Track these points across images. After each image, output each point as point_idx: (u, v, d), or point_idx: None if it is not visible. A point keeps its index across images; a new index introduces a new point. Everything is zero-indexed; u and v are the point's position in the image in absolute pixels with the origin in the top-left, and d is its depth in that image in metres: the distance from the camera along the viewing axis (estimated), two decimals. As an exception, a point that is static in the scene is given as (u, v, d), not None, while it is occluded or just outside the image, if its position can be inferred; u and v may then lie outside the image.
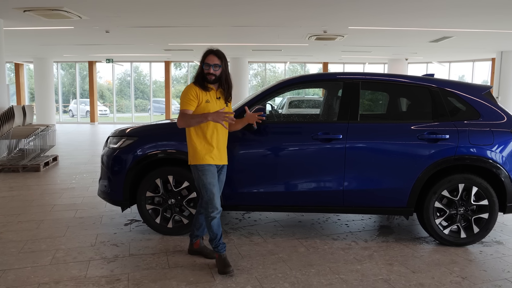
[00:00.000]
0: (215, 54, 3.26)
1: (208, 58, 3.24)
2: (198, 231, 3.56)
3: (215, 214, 3.22)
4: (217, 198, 3.22)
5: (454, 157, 3.79)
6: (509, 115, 4.00)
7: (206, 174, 3.20)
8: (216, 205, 3.21)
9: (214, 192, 3.20)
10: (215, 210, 3.21)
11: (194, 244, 3.61)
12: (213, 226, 3.25)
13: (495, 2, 6.49)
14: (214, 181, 3.22)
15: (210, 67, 3.22)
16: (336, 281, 3.15)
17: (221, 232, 3.32)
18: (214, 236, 3.28)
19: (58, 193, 5.86)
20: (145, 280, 3.14)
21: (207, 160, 3.22)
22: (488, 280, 3.23)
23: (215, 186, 3.22)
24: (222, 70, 3.29)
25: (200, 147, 3.23)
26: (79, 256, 3.60)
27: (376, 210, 4.04)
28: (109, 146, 4.27)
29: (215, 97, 3.31)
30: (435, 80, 4.08)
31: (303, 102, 11.79)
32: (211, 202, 3.20)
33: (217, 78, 3.27)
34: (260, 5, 7.03)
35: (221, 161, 3.34)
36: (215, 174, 3.25)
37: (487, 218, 3.86)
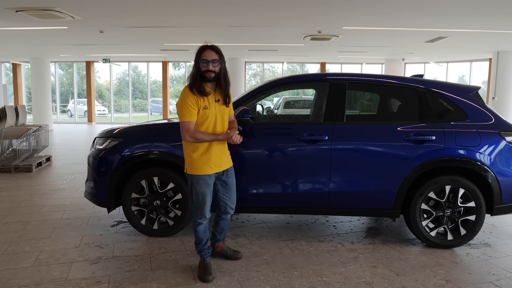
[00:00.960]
0: (212, 48, 3.02)
1: (204, 54, 2.99)
2: (220, 235, 3.49)
3: (202, 221, 3.18)
4: (207, 207, 3.15)
5: (441, 158, 3.77)
6: (497, 116, 3.98)
7: (200, 183, 3.10)
8: (205, 214, 3.16)
9: (206, 201, 3.13)
10: (203, 218, 3.17)
11: (217, 247, 3.56)
12: (199, 231, 3.21)
13: (489, 2, 6.46)
14: (207, 191, 3.12)
15: (209, 63, 2.98)
16: (318, 284, 3.12)
17: (208, 238, 3.28)
18: (199, 241, 3.25)
19: (48, 194, 5.83)
20: (125, 282, 3.11)
21: (205, 170, 3.08)
22: (472, 283, 3.21)
23: (207, 196, 3.13)
24: (221, 67, 3.05)
25: (197, 156, 3.07)
26: (62, 257, 3.58)
27: (362, 211, 4.01)
28: (95, 147, 4.25)
29: (214, 100, 3.08)
30: (422, 81, 4.06)
31: (299, 103, 11.76)
32: (201, 210, 3.15)
33: (216, 75, 3.03)
34: (253, 5, 6.99)
35: (221, 167, 3.19)
36: (210, 184, 3.13)
37: (474, 220, 3.83)
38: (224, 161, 3.21)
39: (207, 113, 3.04)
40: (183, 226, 4.06)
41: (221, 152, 3.17)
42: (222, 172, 3.21)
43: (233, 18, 8.26)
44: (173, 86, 32.50)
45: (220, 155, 3.15)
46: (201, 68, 3.00)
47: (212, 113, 3.07)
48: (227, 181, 3.26)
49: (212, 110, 3.07)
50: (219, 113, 3.12)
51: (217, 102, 3.10)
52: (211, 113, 3.06)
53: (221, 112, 3.14)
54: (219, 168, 3.16)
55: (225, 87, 3.11)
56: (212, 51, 3.01)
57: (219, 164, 3.15)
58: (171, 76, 32.26)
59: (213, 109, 3.07)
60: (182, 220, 3.99)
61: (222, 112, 3.14)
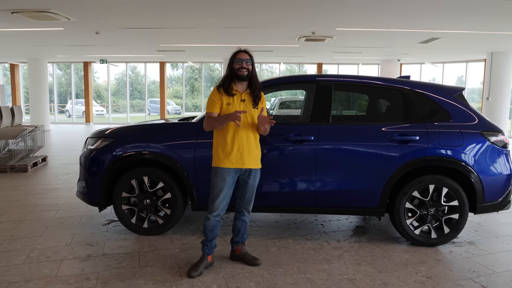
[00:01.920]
0: (246, 52, 3.30)
1: (239, 55, 3.26)
2: (237, 238, 3.51)
3: (211, 216, 3.25)
4: (219, 202, 3.22)
5: (424, 158, 3.85)
6: (480, 117, 4.06)
7: (216, 176, 3.23)
8: (214, 208, 3.23)
9: (218, 194, 3.21)
10: (211, 212, 3.25)
11: (236, 251, 3.57)
12: (206, 226, 3.30)
13: (481, 4, 6.55)
14: (222, 185, 3.20)
15: (243, 62, 3.22)
16: (301, 281, 3.20)
17: (214, 237, 3.32)
18: (204, 235, 3.33)
19: (42, 194, 5.91)
20: (113, 279, 3.19)
21: (224, 163, 3.21)
22: (452, 280, 3.29)
23: (221, 191, 3.21)
24: (253, 68, 3.30)
25: (220, 150, 3.24)
26: (53, 255, 3.65)
27: (348, 210, 4.09)
28: (87, 147, 4.33)
29: (239, 99, 3.26)
30: (407, 82, 4.14)
31: (294, 103, 11.83)
32: (211, 203, 3.25)
33: (249, 73, 3.26)
34: (246, 7, 7.08)
35: (244, 165, 3.24)
36: (227, 180, 3.21)
37: (457, 218, 3.91)
38: (249, 160, 3.27)
39: (230, 110, 3.21)
40: (173, 225, 4.13)
41: (246, 150, 3.25)
42: (244, 171, 3.29)
43: (227, 20, 8.34)
44: (172, 87, 32.57)
45: (243, 152, 3.23)
46: (235, 66, 3.24)
47: (234, 110, 3.20)
48: (248, 182, 3.33)
49: (235, 108, 3.22)
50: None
51: (242, 101, 3.27)
52: (233, 109, 3.21)
53: (248, 112, 3.26)
54: (241, 165, 3.23)
55: (253, 90, 3.30)
56: (245, 53, 3.29)
57: (241, 161, 3.23)
58: (170, 76, 32.32)
59: (237, 107, 3.23)
60: (171, 219, 4.07)
61: (249, 112, 3.26)
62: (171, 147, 3.98)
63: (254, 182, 3.35)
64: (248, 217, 3.47)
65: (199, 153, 3.95)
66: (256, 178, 3.36)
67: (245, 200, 3.39)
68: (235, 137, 3.22)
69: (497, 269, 3.50)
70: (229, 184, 3.25)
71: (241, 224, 3.47)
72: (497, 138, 3.98)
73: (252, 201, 3.42)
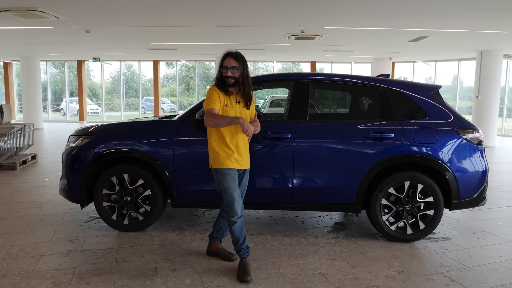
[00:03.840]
0: (233, 56, 3.19)
1: (225, 61, 3.19)
2: (217, 234, 3.53)
3: (236, 219, 3.16)
4: (237, 203, 3.16)
5: (399, 155, 3.91)
6: (456, 115, 4.12)
7: (226, 178, 3.17)
8: (236, 210, 3.14)
9: (234, 196, 3.15)
10: (235, 215, 3.15)
11: (212, 246, 3.60)
12: (234, 230, 3.20)
13: (469, 3, 6.60)
14: (234, 185, 3.17)
15: (228, 70, 3.16)
16: (274, 275, 3.26)
17: (244, 237, 3.26)
18: (236, 241, 3.24)
19: (28, 191, 5.95)
20: (89, 274, 3.24)
21: (228, 164, 3.17)
22: (423, 274, 3.35)
23: (236, 190, 3.17)
24: (241, 73, 3.20)
25: (220, 151, 3.20)
26: (32, 251, 3.70)
27: (325, 207, 4.15)
28: (69, 145, 4.37)
29: (235, 101, 3.25)
30: (384, 80, 4.19)
31: (284, 101, 11.89)
32: (231, 207, 3.16)
33: (236, 80, 3.20)
34: (233, 5, 7.11)
35: (242, 166, 3.27)
36: (236, 178, 3.20)
37: (432, 214, 3.98)
38: (245, 161, 3.31)
39: (228, 112, 3.19)
40: (153, 221, 4.19)
41: (243, 151, 3.27)
42: (242, 172, 3.32)
43: (216, 18, 8.37)
44: (168, 85, 32.57)
45: (240, 153, 3.24)
46: (222, 73, 3.20)
47: (232, 113, 3.20)
48: (242, 182, 3.34)
49: (233, 110, 3.21)
50: (239, 114, 3.23)
51: (238, 103, 3.25)
52: (231, 112, 3.20)
53: (242, 113, 3.25)
54: (240, 166, 3.25)
55: (243, 90, 3.24)
56: (232, 59, 3.19)
57: (240, 162, 3.25)
58: (167, 75, 32.32)
59: (234, 109, 3.22)
60: (151, 216, 4.12)
61: (243, 113, 3.26)
62: (150, 145, 4.03)
63: (246, 182, 3.39)
64: None
65: (178, 150, 4.00)
66: (248, 178, 3.41)
67: None
68: (234, 139, 3.22)
69: (468, 264, 3.57)
70: (237, 182, 3.24)
71: (224, 223, 3.48)
72: (472, 135, 4.04)
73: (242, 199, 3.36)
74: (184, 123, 4.07)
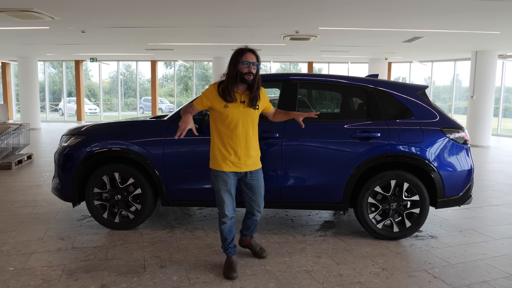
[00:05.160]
0: (253, 52, 3.06)
1: (246, 56, 3.02)
2: (246, 232, 3.56)
3: (225, 220, 3.19)
4: (226, 206, 3.15)
5: (385, 154, 3.97)
6: (442, 115, 4.18)
7: (218, 180, 3.15)
8: (225, 212, 3.16)
9: (224, 199, 3.14)
10: (225, 217, 3.18)
11: (244, 241, 3.65)
12: (223, 230, 3.24)
13: (462, 4, 6.66)
14: (225, 188, 3.14)
15: (251, 65, 3.00)
16: (259, 272, 3.32)
17: (233, 237, 3.29)
18: (224, 239, 3.28)
19: (22, 190, 6.00)
20: (78, 271, 3.30)
21: (222, 166, 3.12)
22: (406, 271, 3.42)
23: (226, 193, 3.15)
24: (257, 71, 3.09)
25: (217, 152, 3.15)
26: (23, 249, 3.76)
27: (313, 205, 4.20)
28: (61, 144, 4.43)
29: (239, 101, 3.10)
30: (372, 80, 4.26)
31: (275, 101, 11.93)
32: (221, 208, 3.18)
33: (254, 78, 3.05)
34: (227, 6, 7.17)
35: (241, 168, 3.16)
36: (227, 182, 3.14)
37: (418, 213, 4.04)
38: (246, 163, 3.17)
39: (227, 112, 3.07)
40: (144, 220, 4.24)
41: (244, 153, 3.14)
42: (245, 174, 3.21)
43: (211, 19, 8.43)
44: (167, 85, 32.58)
45: (238, 156, 3.13)
46: (243, 69, 3.02)
47: (233, 113, 3.08)
48: (252, 184, 3.24)
49: (234, 110, 3.08)
50: (243, 115, 3.11)
51: (242, 103, 3.12)
52: (231, 112, 3.08)
53: (246, 114, 3.12)
54: (238, 168, 3.15)
55: (252, 91, 3.11)
56: (252, 55, 3.05)
57: (238, 164, 3.14)
58: (166, 75, 32.32)
59: (236, 109, 3.09)
60: (142, 214, 4.18)
61: (247, 113, 3.13)
62: (140, 144, 4.09)
63: (258, 183, 3.27)
64: (259, 216, 3.41)
65: (168, 149, 4.06)
66: (259, 178, 3.28)
67: (255, 202, 3.32)
68: (232, 141, 3.11)
69: (452, 261, 3.63)
70: (231, 186, 3.18)
71: (251, 222, 3.49)
72: (457, 134, 4.10)
73: (262, 201, 3.35)
74: (174, 123, 4.13)
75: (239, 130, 3.12)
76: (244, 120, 3.13)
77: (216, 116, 3.14)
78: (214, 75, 16.54)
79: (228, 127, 3.11)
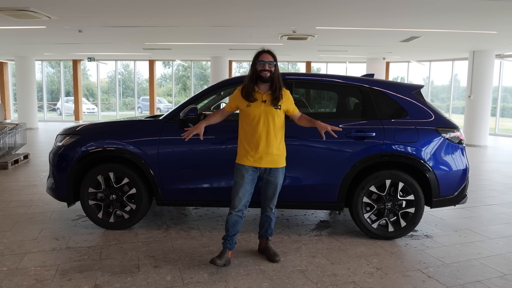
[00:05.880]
0: (269, 52, 3.32)
1: (262, 56, 3.29)
2: (261, 231, 3.63)
3: (232, 211, 3.35)
4: (238, 199, 3.31)
5: (380, 154, 3.97)
6: (437, 114, 4.18)
7: (236, 173, 3.35)
8: (234, 204, 3.33)
9: (237, 191, 3.31)
10: (233, 208, 3.34)
11: (261, 244, 3.69)
12: (228, 221, 3.38)
13: (460, 3, 6.67)
14: (241, 182, 3.30)
15: (265, 64, 3.25)
16: (254, 272, 3.32)
17: (235, 233, 3.39)
18: (226, 230, 3.40)
19: (18, 190, 5.99)
20: (72, 271, 3.29)
21: (243, 160, 3.33)
22: (401, 270, 3.41)
23: (241, 187, 3.30)
24: (275, 69, 3.31)
25: (241, 148, 3.37)
26: (17, 249, 3.75)
27: (308, 205, 4.20)
28: (56, 144, 4.42)
29: (261, 100, 3.31)
30: (367, 80, 4.25)
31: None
32: (232, 200, 3.35)
33: (271, 75, 3.28)
34: (224, 5, 7.17)
35: (261, 164, 3.32)
36: (244, 176, 3.30)
37: (413, 212, 4.04)
38: (267, 160, 3.32)
39: (250, 110, 3.31)
40: (138, 219, 4.24)
41: (264, 150, 3.30)
42: (264, 170, 3.36)
43: (208, 18, 8.42)
44: (166, 85, 32.55)
45: (262, 152, 3.29)
46: (258, 68, 3.29)
47: (255, 111, 3.29)
48: (270, 180, 3.39)
49: (256, 109, 3.29)
50: (264, 113, 3.30)
51: (263, 102, 3.31)
52: (253, 111, 3.29)
53: (267, 112, 3.31)
54: (257, 164, 3.31)
55: (274, 91, 3.32)
56: (268, 55, 3.31)
57: (258, 160, 3.30)
58: (164, 74, 32.28)
59: (257, 108, 3.30)
60: (137, 214, 4.17)
61: (268, 112, 3.31)
62: (135, 144, 4.08)
63: (275, 180, 3.40)
64: (272, 213, 3.53)
65: (163, 149, 4.05)
66: (277, 177, 3.40)
67: (268, 197, 3.46)
68: (254, 138, 3.30)
69: (447, 261, 3.63)
70: (248, 180, 3.32)
71: (265, 219, 3.56)
72: (452, 134, 4.10)
73: (274, 199, 3.47)
74: (169, 123, 4.13)
75: (260, 128, 3.30)
76: (265, 118, 3.31)
77: (242, 115, 3.38)
78: (212, 75, 16.52)
79: (251, 124, 3.31)
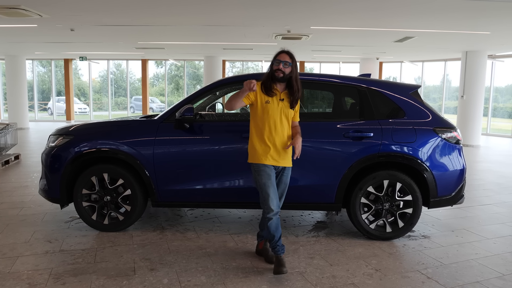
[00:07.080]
0: (287, 53, 3.31)
1: (279, 56, 3.29)
2: (262, 232, 3.55)
3: (271, 216, 3.22)
4: (271, 200, 3.21)
5: (378, 154, 3.94)
6: (434, 114, 4.17)
7: (261, 175, 3.24)
8: (271, 207, 3.20)
9: (269, 193, 3.21)
10: (270, 212, 3.21)
11: (259, 245, 3.63)
12: (270, 227, 3.25)
13: (453, 4, 6.68)
14: (268, 182, 3.22)
15: (280, 63, 3.25)
16: (252, 274, 3.27)
17: (280, 235, 3.30)
18: (271, 237, 3.28)
19: (9, 192, 5.88)
20: (66, 274, 3.22)
21: (263, 160, 3.24)
22: (400, 272, 3.39)
23: (270, 187, 3.22)
24: (291, 71, 3.28)
25: (258, 146, 3.27)
26: (9, 252, 3.66)
27: (306, 205, 4.16)
28: (48, 144, 4.33)
29: (278, 98, 3.29)
30: (364, 80, 4.23)
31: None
32: (266, 203, 3.22)
33: (285, 76, 3.26)
34: (217, 4, 7.11)
35: (280, 163, 3.29)
36: (271, 175, 3.24)
37: (411, 213, 4.02)
38: (283, 158, 3.31)
39: (268, 107, 3.26)
40: (133, 221, 4.17)
41: (280, 148, 3.28)
42: (280, 169, 3.34)
43: (202, 17, 8.36)
44: (158, 84, 32.35)
45: (277, 150, 3.27)
46: (274, 66, 3.28)
47: (273, 108, 3.26)
48: (282, 180, 3.37)
49: (274, 106, 3.27)
50: (282, 112, 3.29)
51: (281, 101, 3.30)
52: (272, 108, 3.26)
53: (283, 112, 3.30)
54: (276, 162, 3.28)
55: (292, 93, 3.31)
56: (286, 55, 3.30)
57: (277, 158, 3.28)
58: (157, 74, 32.09)
59: (276, 105, 3.27)
60: (132, 215, 4.11)
61: (284, 111, 3.30)
62: (130, 144, 4.01)
63: (286, 180, 3.40)
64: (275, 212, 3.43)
65: (159, 149, 3.99)
66: (288, 176, 3.41)
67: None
68: (271, 135, 3.26)
69: (445, 261, 3.62)
70: (274, 179, 3.28)
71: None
72: (449, 134, 4.09)
73: (283, 198, 3.43)
74: (165, 123, 4.07)
75: (278, 126, 3.28)
76: (281, 117, 3.30)
77: (257, 113, 3.29)
78: (206, 75, 16.43)
79: (268, 121, 3.26)
